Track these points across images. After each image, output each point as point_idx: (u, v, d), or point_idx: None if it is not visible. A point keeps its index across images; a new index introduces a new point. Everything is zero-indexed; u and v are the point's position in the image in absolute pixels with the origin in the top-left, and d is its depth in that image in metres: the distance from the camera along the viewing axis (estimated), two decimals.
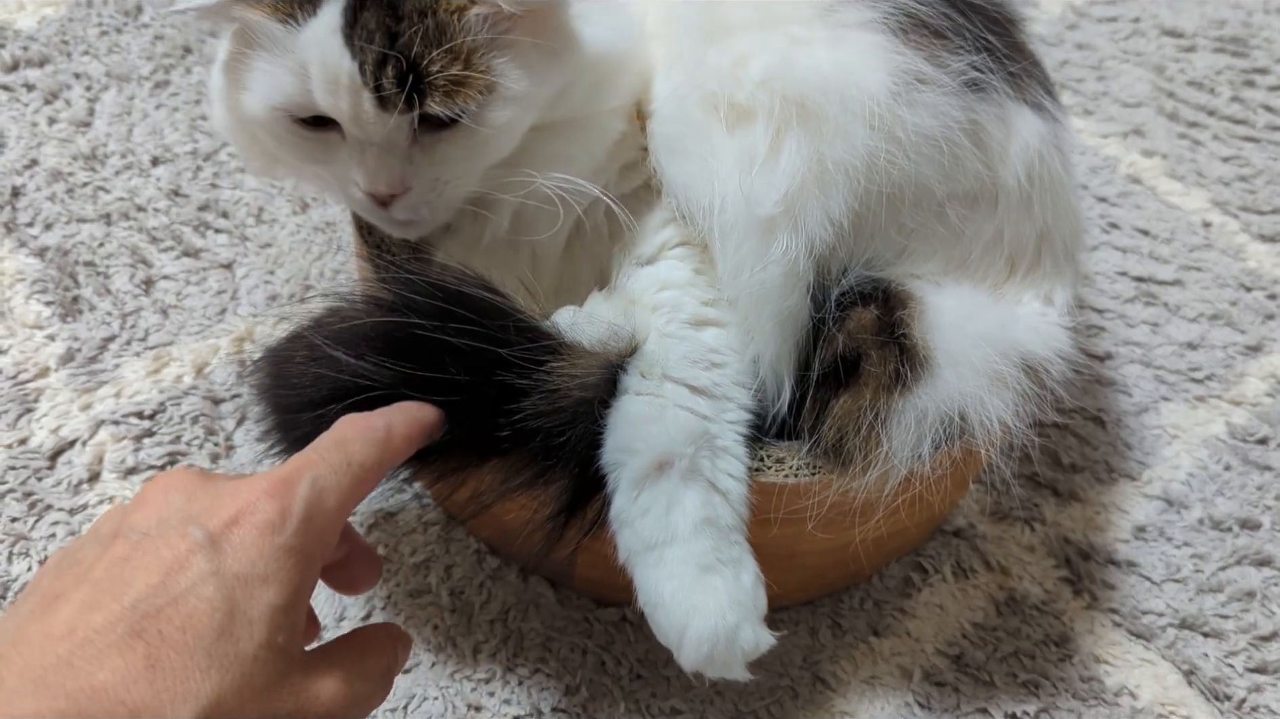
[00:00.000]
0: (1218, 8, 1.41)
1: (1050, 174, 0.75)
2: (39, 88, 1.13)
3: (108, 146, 1.09)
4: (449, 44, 0.63)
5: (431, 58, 0.62)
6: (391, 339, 0.63)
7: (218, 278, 1.01)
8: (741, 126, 0.66)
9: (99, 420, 0.90)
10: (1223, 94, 1.30)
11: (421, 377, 0.63)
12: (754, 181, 0.65)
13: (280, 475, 0.53)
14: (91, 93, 1.14)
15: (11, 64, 1.15)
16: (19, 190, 1.05)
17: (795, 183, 0.65)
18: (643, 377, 0.67)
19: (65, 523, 0.84)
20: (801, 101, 0.65)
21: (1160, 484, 0.94)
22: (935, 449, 0.69)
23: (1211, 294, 1.09)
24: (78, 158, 1.08)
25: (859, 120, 0.65)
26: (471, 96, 0.63)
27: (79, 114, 1.11)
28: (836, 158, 0.65)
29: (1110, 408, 0.99)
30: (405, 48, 0.62)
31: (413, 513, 0.87)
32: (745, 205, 0.66)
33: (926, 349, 0.68)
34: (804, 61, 0.66)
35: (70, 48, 1.18)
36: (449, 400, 0.63)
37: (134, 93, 1.15)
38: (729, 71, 0.67)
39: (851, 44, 0.67)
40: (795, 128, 0.65)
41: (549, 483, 0.65)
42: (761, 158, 0.65)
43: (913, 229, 0.71)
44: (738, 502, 0.67)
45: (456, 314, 0.63)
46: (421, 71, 0.62)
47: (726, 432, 0.68)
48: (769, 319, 0.69)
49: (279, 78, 0.65)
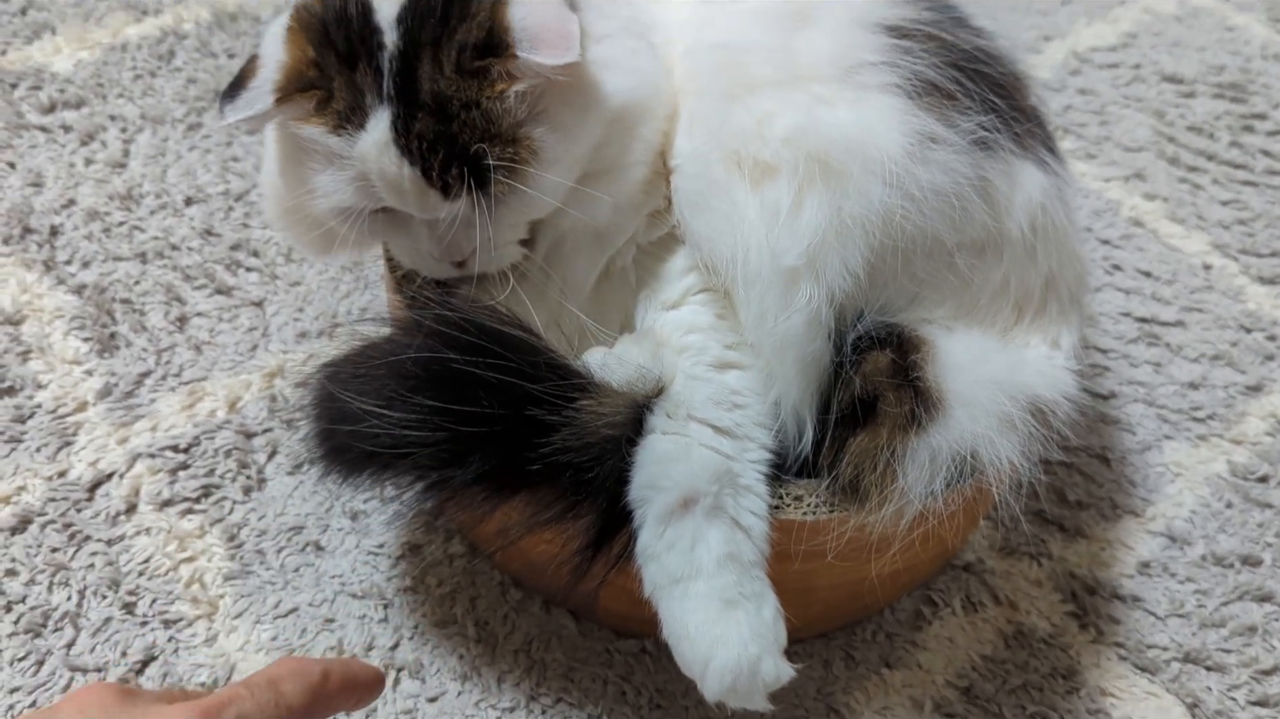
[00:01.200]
0: (1216, 54, 1.45)
1: (1053, 224, 0.78)
2: (76, 129, 1.17)
3: (143, 187, 1.13)
4: (496, 129, 0.67)
5: (483, 148, 0.66)
6: (426, 373, 0.66)
7: (249, 315, 1.04)
8: (766, 182, 0.70)
9: (136, 454, 0.93)
10: (1222, 139, 1.33)
11: (454, 410, 0.66)
12: (778, 235, 0.69)
13: (204, 705, 0.53)
14: (127, 134, 1.18)
15: (49, 105, 1.19)
16: (57, 229, 1.08)
17: (817, 236, 0.68)
18: (669, 417, 0.70)
19: (104, 553, 0.87)
20: (825, 159, 0.68)
21: (1164, 521, 0.97)
22: (948, 486, 0.72)
23: (1212, 335, 1.12)
24: (114, 197, 1.12)
25: (877, 178, 0.69)
26: (521, 171, 0.67)
27: (115, 155, 1.15)
28: (855, 212, 0.69)
29: (1115, 446, 1.02)
30: (460, 146, 0.67)
31: (439, 546, 0.90)
32: (770, 257, 0.69)
33: (939, 391, 0.72)
34: (828, 121, 0.69)
35: (105, 90, 1.22)
36: (481, 432, 0.66)
37: (168, 134, 1.18)
38: (753, 129, 0.70)
39: (871, 105, 0.70)
40: (818, 184, 0.68)
41: (577, 517, 0.68)
42: (785, 212, 0.69)
43: (924, 277, 0.75)
44: (759, 538, 0.70)
45: (490, 349, 0.66)
46: (477, 161, 0.67)
47: (748, 470, 0.71)
48: (792, 364, 0.72)
49: (342, 186, 0.69)
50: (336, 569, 0.89)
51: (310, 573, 0.88)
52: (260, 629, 0.85)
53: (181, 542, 0.89)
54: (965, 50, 0.76)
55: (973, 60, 0.76)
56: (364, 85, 0.68)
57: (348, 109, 0.68)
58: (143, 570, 0.87)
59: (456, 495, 0.69)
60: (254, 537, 0.90)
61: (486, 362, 0.66)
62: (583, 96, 0.71)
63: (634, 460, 0.69)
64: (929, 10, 0.78)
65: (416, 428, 0.66)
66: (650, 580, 0.68)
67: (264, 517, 0.91)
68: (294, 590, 0.87)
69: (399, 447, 0.67)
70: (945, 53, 0.74)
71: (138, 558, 0.88)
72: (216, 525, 0.90)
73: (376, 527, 0.91)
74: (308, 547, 0.90)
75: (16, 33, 1.26)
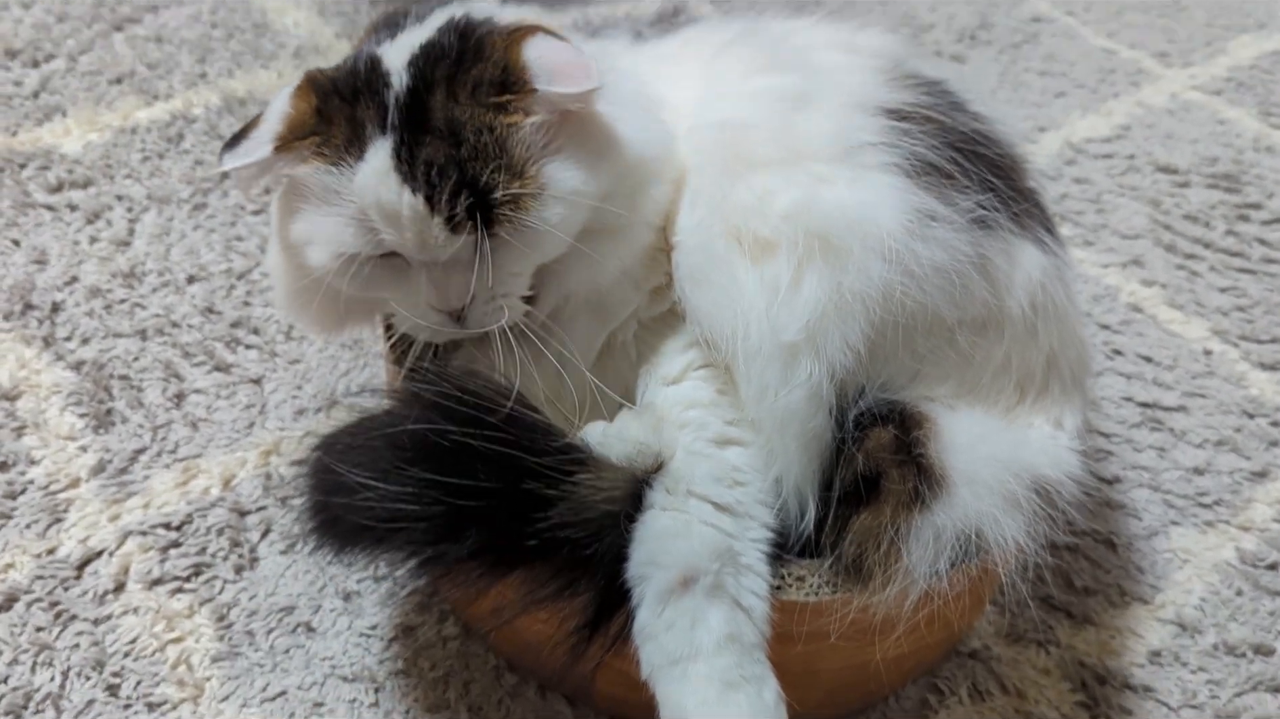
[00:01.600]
0: (1209, 146, 1.47)
1: (1053, 303, 0.78)
2: (81, 208, 1.18)
3: (146, 265, 1.14)
4: (508, 160, 0.67)
5: (494, 179, 0.66)
6: (422, 446, 0.66)
7: (247, 392, 1.04)
8: (766, 258, 0.70)
9: (127, 531, 0.92)
10: (1218, 227, 1.34)
11: (450, 483, 0.65)
12: (778, 310, 0.69)
13: None
14: (132, 213, 1.19)
15: (56, 185, 1.20)
16: (59, 306, 1.08)
17: (817, 312, 0.68)
18: (668, 492, 0.69)
19: (89, 633, 0.85)
20: (825, 236, 0.69)
21: (1173, 608, 0.95)
22: (952, 566, 0.70)
23: (1216, 420, 1.12)
24: (117, 275, 1.12)
25: (877, 254, 0.69)
26: (528, 206, 0.67)
27: (119, 233, 1.16)
28: (855, 289, 0.69)
29: (1121, 531, 1.01)
30: (470, 174, 0.66)
31: (433, 627, 0.88)
32: (770, 332, 0.69)
33: (943, 468, 0.71)
34: (827, 198, 0.70)
35: (113, 171, 1.23)
36: (476, 506, 0.65)
37: (173, 214, 1.20)
38: (753, 206, 0.71)
39: (870, 184, 0.71)
40: (818, 260, 0.69)
41: (575, 595, 0.67)
42: (785, 288, 0.69)
43: (926, 354, 0.75)
44: (760, 619, 0.68)
45: (487, 422, 0.65)
46: (485, 193, 0.66)
47: (750, 549, 0.69)
48: (794, 440, 0.72)
49: (340, 228, 0.69)
50: (327, 651, 0.86)
51: (300, 655, 0.86)
52: (247, 713, 0.82)
53: (169, 621, 0.87)
54: (963, 132, 0.77)
55: (970, 142, 0.77)
56: (365, 118, 0.68)
57: (346, 141, 0.68)
58: (129, 651, 0.85)
59: (451, 572, 0.68)
60: (244, 617, 0.88)
61: (483, 434, 0.65)
62: (597, 139, 0.72)
63: (633, 537, 0.68)
64: (927, 94, 0.79)
65: (411, 501, 0.65)
66: (648, 661, 0.66)
67: (255, 596, 0.89)
68: (283, 673, 0.85)
69: (393, 520, 0.66)
70: (943, 134, 0.75)
71: (124, 638, 0.86)
72: (206, 605, 0.88)
73: (369, 607, 0.89)
74: (299, 627, 0.88)
75: (28, 114, 1.29)
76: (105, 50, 1.39)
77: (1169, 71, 1.63)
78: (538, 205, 0.68)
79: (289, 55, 1.43)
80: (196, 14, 1.47)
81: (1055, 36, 1.69)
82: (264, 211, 1.21)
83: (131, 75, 1.36)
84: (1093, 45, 1.68)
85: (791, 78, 0.77)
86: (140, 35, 1.42)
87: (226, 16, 1.48)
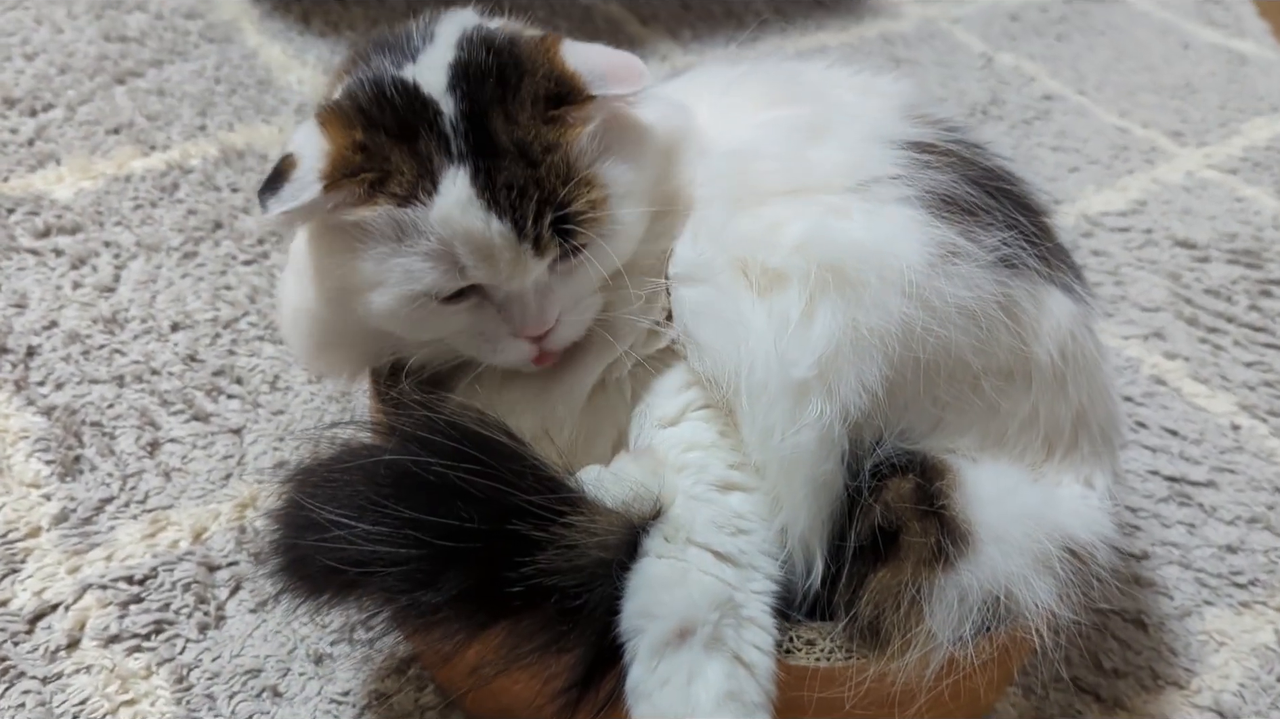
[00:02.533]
0: (1227, 223, 1.44)
1: (1084, 354, 0.74)
2: (67, 253, 1.14)
3: (129, 311, 1.09)
4: (575, 172, 0.65)
5: (572, 193, 0.64)
6: (401, 480, 0.60)
7: (225, 443, 0.98)
8: (774, 290, 0.66)
9: (86, 584, 0.85)
10: (1240, 302, 1.30)
11: (430, 522, 0.59)
12: (788, 345, 0.64)
13: None
14: (119, 260, 1.15)
15: (43, 230, 1.16)
16: (34, 350, 1.04)
17: (830, 348, 0.63)
18: (666, 540, 0.63)
19: (36, 692, 0.79)
20: (839, 268, 0.64)
21: (1210, 694, 0.88)
22: (978, 633, 0.64)
23: (1247, 497, 1.06)
24: (98, 321, 1.08)
25: (895, 288, 0.64)
26: (603, 210, 0.65)
27: (104, 279, 1.12)
28: (872, 324, 0.64)
29: (1151, 610, 0.94)
30: (549, 191, 0.64)
31: (409, 695, 0.81)
32: (778, 368, 0.64)
33: (968, 523, 0.65)
34: (842, 229, 0.66)
35: (104, 218, 1.20)
36: (457, 548, 0.59)
37: (161, 262, 1.16)
38: (762, 236, 0.67)
39: (888, 217, 0.67)
40: (831, 294, 0.64)
41: (562, 651, 0.61)
42: (795, 322, 0.64)
43: (948, 401, 0.70)
44: (764, 677, 0.62)
45: (473, 455, 0.60)
46: (564, 206, 0.64)
47: (752, 601, 0.63)
48: (801, 487, 0.66)
49: (417, 265, 0.65)
50: (294, 718, 0.79)
51: None
52: None
53: (124, 682, 0.80)
54: (985, 168, 0.73)
55: (994, 178, 0.73)
56: (429, 151, 0.64)
57: (414, 178, 0.64)
58: (77, 713, 0.78)
59: (427, 624, 0.62)
60: (205, 679, 0.81)
61: (468, 468, 0.59)
62: (633, 130, 0.70)
63: (625, 587, 0.61)
64: (947, 132, 0.75)
65: (386, 542, 0.59)
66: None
67: (219, 657, 0.82)
68: None
69: (367, 563, 0.60)
70: (965, 168, 0.71)
71: (73, 699, 0.79)
72: (165, 665, 0.81)
73: (342, 672, 0.82)
74: (264, 692, 0.81)
75: (21, 161, 1.26)
76: (105, 101, 1.37)
77: (1183, 150, 1.61)
78: (610, 208, 0.66)
79: (291, 111, 1.41)
80: (200, 70, 1.46)
81: (1067, 114, 1.67)
82: (256, 262, 1.17)
83: (130, 126, 1.33)
84: (1105, 123, 1.66)
85: (806, 109, 0.74)
86: (142, 88, 1.40)
87: (230, 73, 1.46)
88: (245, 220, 1.22)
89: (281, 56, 1.53)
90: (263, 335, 1.09)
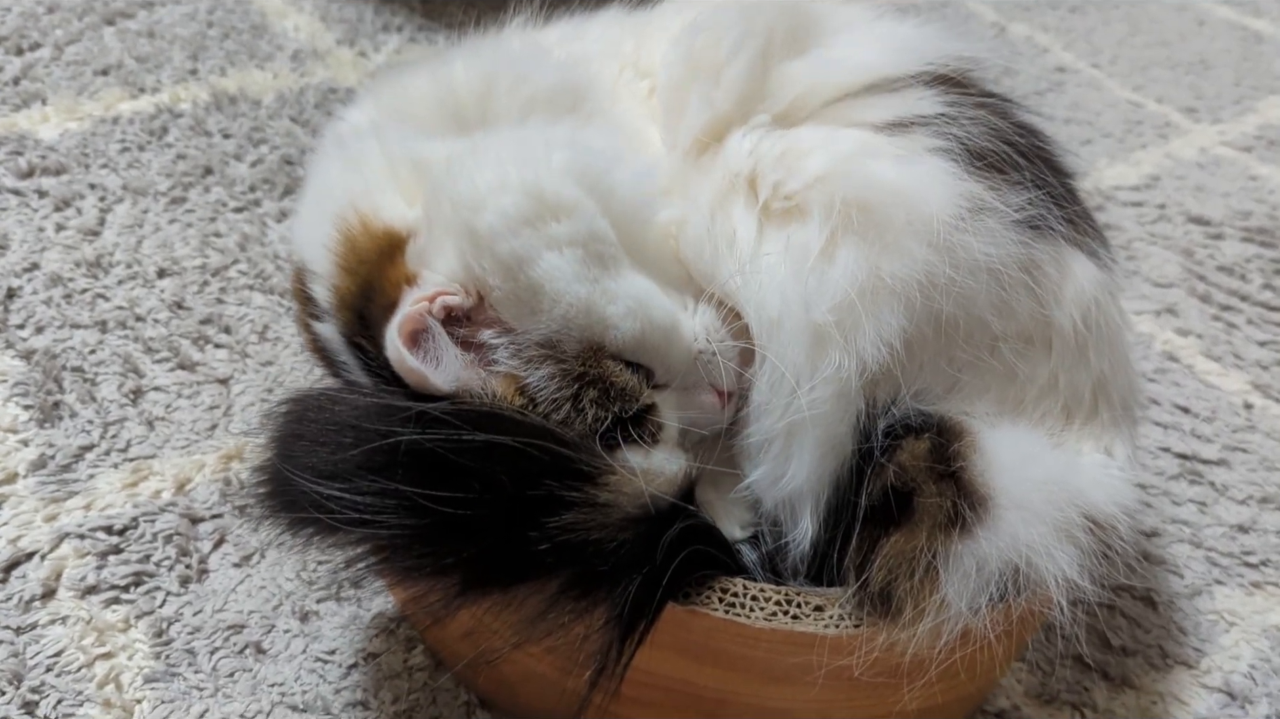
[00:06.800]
0: (1242, 200, 1.41)
1: (1106, 322, 0.71)
2: (51, 195, 1.10)
3: (114, 256, 1.06)
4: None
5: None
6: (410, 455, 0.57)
7: (212, 392, 0.95)
8: (792, 221, 0.62)
9: (63, 533, 0.82)
10: (1254, 281, 1.27)
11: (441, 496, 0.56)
12: (806, 282, 0.60)
13: None
14: (105, 203, 1.11)
15: (27, 170, 1.12)
16: (14, 292, 1.00)
17: (852, 292, 0.60)
18: None
19: (9, 642, 0.75)
20: (865, 206, 0.61)
21: (1220, 675, 0.86)
22: (994, 603, 0.61)
23: (1259, 476, 1.03)
24: (81, 264, 1.04)
25: (921, 237, 0.61)
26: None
27: (89, 222, 1.08)
28: (895, 271, 0.61)
29: (1161, 589, 0.91)
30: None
31: (398, 655, 0.78)
32: (798, 305, 0.61)
33: (986, 487, 0.62)
34: (871, 168, 0.62)
35: (89, 160, 1.16)
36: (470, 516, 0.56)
37: (149, 206, 1.12)
38: (778, 158, 0.63)
39: (920, 164, 0.63)
40: (854, 233, 0.61)
41: (589, 612, 0.57)
42: (815, 257, 0.61)
43: (965, 362, 0.66)
44: None
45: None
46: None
47: None
48: (813, 449, 0.63)
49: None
50: (277, 676, 0.76)
51: (246, 679, 0.76)
52: None
53: (101, 634, 0.77)
54: (1018, 122, 0.70)
55: (1025, 134, 0.69)
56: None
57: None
58: (51, 665, 0.75)
59: (432, 585, 0.58)
60: (185, 634, 0.78)
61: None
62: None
63: None
64: (976, 71, 0.72)
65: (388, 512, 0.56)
66: None
67: (200, 611, 0.79)
68: (224, 698, 0.75)
69: (362, 525, 0.56)
70: (998, 119, 0.68)
71: (48, 650, 0.76)
72: (144, 619, 0.78)
73: (329, 630, 0.79)
74: (247, 648, 0.78)
75: (5, 100, 1.21)
76: (94, 42, 1.32)
77: (1197, 126, 1.58)
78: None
79: (286, 58, 1.36)
80: (193, 12, 1.41)
81: (1080, 86, 1.64)
82: (248, 209, 1.14)
83: (119, 67, 1.29)
84: (1118, 97, 1.62)
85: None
86: (132, 29, 1.36)
87: (224, 16, 1.42)
88: (237, 167, 1.18)
89: (277, 2, 1.48)
90: (252, 284, 1.06)
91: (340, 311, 0.66)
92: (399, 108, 0.72)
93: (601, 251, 0.62)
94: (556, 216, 0.61)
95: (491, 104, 0.69)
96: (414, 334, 0.60)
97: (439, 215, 0.63)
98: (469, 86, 0.70)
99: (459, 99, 0.70)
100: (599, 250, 0.62)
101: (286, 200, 1.15)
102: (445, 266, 0.62)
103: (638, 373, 0.63)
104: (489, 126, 0.68)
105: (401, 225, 0.65)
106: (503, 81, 0.69)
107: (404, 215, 0.66)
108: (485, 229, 0.60)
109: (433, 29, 1.49)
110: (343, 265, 0.65)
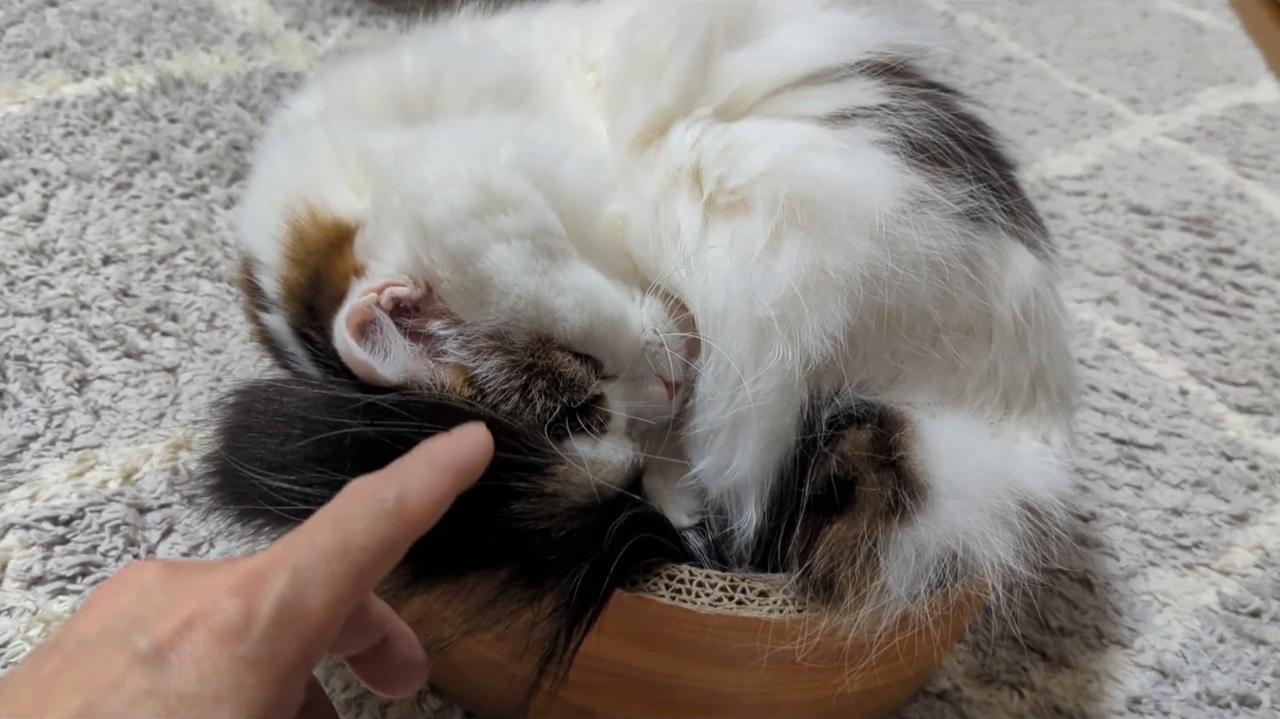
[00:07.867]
0: (1181, 190, 1.44)
1: (1045, 312, 0.72)
2: None
3: (58, 243, 1.04)
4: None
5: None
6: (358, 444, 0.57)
7: (159, 381, 0.94)
8: (737, 216, 0.63)
9: (8, 524, 0.82)
10: (1191, 269, 1.31)
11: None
12: (750, 276, 0.61)
13: (252, 567, 0.43)
14: (48, 189, 1.09)
15: None
16: None
17: (795, 286, 0.61)
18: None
19: None
20: (809, 201, 0.62)
21: (1153, 654, 0.89)
22: (932, 588, 0.63)
23: (1193, 461, 1.06)
24: (24, 251, 1.02)
25: (863, 231, 0.62)
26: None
27: (31, 209, 1.07)
28: (839, 265, 0.62)
29: (1098, 570, 0.94)
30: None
31: None
32: (742, 301, 0.62)
33: (926, 476, 0.64)
34: (814, 163, 0.63)
35: (31, 144, 1.14)
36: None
37: (93, 192, 1.10)
38: (721, 153, 0.64)
39: (862, 157, 0.64)
40: (799, 228, 0.62)
41: (535, 601, 0.58)
42: (759, 252, 0.62)
43: (908, 353, 0.68)
44: None
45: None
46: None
47: None
48: (756, 440, 0.64)
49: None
50: None
51: None
52: None
53: (47, 626, 0.77)
54: (960, 114, 0.71)
55: (967, 126, 0.71)
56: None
57: None
58: None
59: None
60: None
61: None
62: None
63: None
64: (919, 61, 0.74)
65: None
66: None
67: None
68: None
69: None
70: (940, 110, 0.69)
71: None
72: None
73: None
74: None
75: None
76: (35, 24, 1.30)
77: (1140, 117, 1.61)
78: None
79: (233, 41, 1.35)
80: None
81: (1026, 77, 1.66)
82: (194, 195, 1.12)
83: (61, 50, 1.27)
84: (1064, 87, 1.65)
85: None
86: (75, 11, 1.34)
87: None
88: (183, 152, 1.17)
89: None
90: (200, 272, 1.05)
91: (288, 303, 0.66)
92: (347, 98, 0.72)
93: (550, 244, 0.62)
94: (505, 209, 0.61)
95: (439, 95, 0.69)
96: (362, 325, 0.60)
97: (387, 207, 0.63)
98: (417, 78, 0.70)
99: (407, 90, 0.70)
100: (547, 243, 0.62)
101: (234, 186, 1.14)
102: (394, 258, 0.63)
103: (586, 364, 0.64)
104: (437, 118, 0.68)
105: (350, 217, 0.65)
106: (451, 73, 0.69)
107: (352, 206, 0.66)
108: (433, 221, 0.60)
109: (383, 13, 1.48)
110: (291, 256, 0.65)
